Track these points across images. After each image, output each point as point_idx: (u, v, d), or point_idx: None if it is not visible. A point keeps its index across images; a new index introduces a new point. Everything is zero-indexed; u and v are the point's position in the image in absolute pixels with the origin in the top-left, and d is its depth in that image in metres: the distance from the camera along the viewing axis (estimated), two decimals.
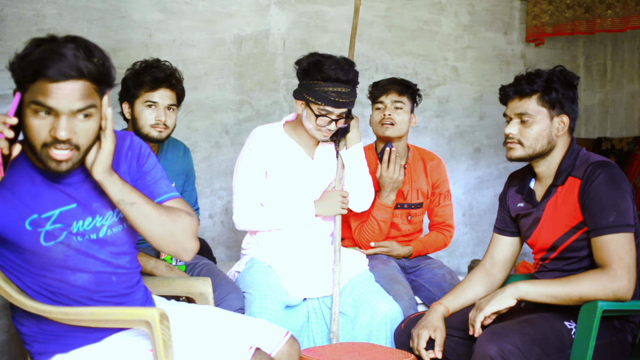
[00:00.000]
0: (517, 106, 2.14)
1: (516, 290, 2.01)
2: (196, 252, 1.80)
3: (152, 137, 2.51)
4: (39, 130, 1.54)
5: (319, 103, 2.47)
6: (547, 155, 2.14)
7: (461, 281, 2.34)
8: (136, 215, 1.67)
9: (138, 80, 2.49)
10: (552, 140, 2.11)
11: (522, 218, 2.25)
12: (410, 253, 2.93)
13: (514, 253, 2.34)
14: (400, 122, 2.82)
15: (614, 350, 2.04)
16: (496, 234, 2.36)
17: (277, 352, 1.87)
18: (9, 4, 3.04)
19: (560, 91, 2.09)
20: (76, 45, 1.55)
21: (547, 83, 2.09)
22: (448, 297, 2.27)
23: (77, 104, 1.54)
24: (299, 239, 2.63)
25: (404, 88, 2.83)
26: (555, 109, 2.10)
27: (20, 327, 1.75)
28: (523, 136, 2.12)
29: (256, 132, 2.62)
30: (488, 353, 1.87)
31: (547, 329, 1.97)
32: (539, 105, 2.10)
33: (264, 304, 2.36)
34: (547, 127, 2.10)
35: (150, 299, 1.91)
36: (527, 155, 2.14)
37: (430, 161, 3.00)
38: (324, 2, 3.76)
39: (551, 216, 2.13)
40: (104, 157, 1.63)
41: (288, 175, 2.59)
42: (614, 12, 3.73)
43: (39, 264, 1.65)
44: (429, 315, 2.20)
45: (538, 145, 2.11)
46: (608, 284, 1.92)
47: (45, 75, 1.51)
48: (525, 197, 2.22)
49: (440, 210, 3.00)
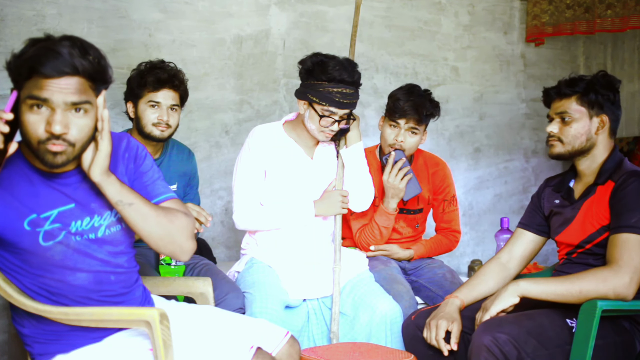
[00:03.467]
0: (558, 106, 2.23)
1: (517, 288, 2.03)
2: (193, 252, 1.81)
3: (155, 136, 2.56)
4: (34, 126, 1.55)
5: (323, 104, 2.47)
6: (588, 153, 2.21)
7: (475, 274, 2.35)
8: (134, 216, 1.67)
9: (142, 81, 2.56)
10: (591, 137, 2.18)
11: (555, 215, 2.28)
12: (411, 256, 2.92)
13: (533, 251, 2.37)
14: (411, 145, 2.79)
15: (618, 351, 2.04)
16: (520, 229, 2.38)
17: (278, 352, 1.88)
18: (9, 4, 3.04)
19: (601, 92, 2.17)
20: (71, 43, 1.56)
21: (588, 85, 2.18)
22: (462, 290, 2.28)
23: (71, 97, 1.55)
24: (298, 239, 2.63)
25: (423, 118, 2.75)
26: (595, 109, 2.18)
27: (20, 328, 1.75)
28: (563, 134, 2.20)
29: (255, 132, 2.62)
30: (483, 343, 1.89)
31: (545, 323, 1.98)
32: (579, 105, 2.18)
33: (265, 304, 2.36)
34: (586, 125, 2.18)
35: (149, 299, 1.92)
36: (566, 152, 2.21)
37: (433, 167, 2.97)
38: (324, 2, 3.75)
39: (585, 214, 2.17)
40: (101, 158, 1.63)
41: (287, 175, 2.59)
42: (614, 12, 3.73)
43: (37, 264, 1.66)
44: (446, 307, 2.20)
45: (577, 142, 2.18)
46: (609, 277, 1.94)
47: (41, 72, 1.52)
48: (564, 194, 2.27)
49: (445, 216, 2.97)
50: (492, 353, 1.88)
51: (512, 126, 4.32)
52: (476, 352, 1.92)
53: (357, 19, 2.80)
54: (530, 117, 4.37)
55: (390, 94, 2.82)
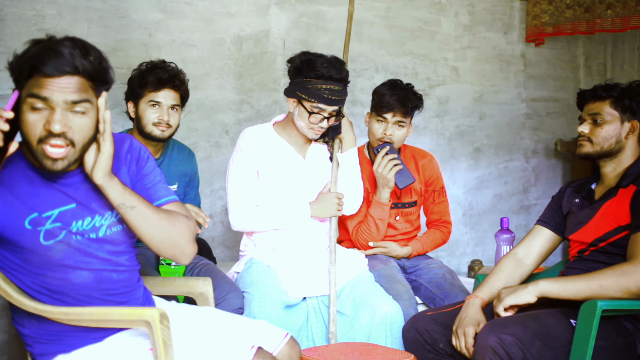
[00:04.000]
0: (591, 108, 2.27)
1: (537, 288, 2.03)
2: (194, 255, 1.81)
3: (155, 135, 2.57)
4: (34, 125, 1.55)
5: (312, 100, 2.50)
6: (615, 157, 2.24)
7: (492, 271, 2.35)
8: (136, 219, 1.68)
9: (143, 80, 2.56)
10: (621, 141, 2.22)
11: (572, 214, 2.29)
12: (409, 253, 2.93)
13: (549, 249, 2.38)
14: (400, 138, 2.83)
15: (620, 352, 2.03)
16: (539, 226, 2.40)
17: (278, 353, 1.87)
18: (9, 4, 3.04)
19: (635, 99, 2.22)
20: (73, 43, 1.57)
21: (624, 91, 2.23)
22: (482, 289, 2.27)
23: (71, 96, 1.55)
24: (296, 239, 2.63)
25: (409, 110, 2.80)
26: (627, 114, 2.22)
27: (21, 329, 1.75)
28: (593, 134, 2.23)
29: (245, 133, 2.63)
30: (488, 343, 1.89)
31: (551, 324, 1.98)
32: (612, 108, 2.23)
33: (263, 304, 2.37)
34: (617, 128, 2.22)
35: (150, 298, 1.92)
36: (594, 152, 2.24)
37: (422, 159, 3.00)
38: (324, 2, 3.75)
39: (603, 214, 2.18)
40: (103, 160, 1.63)
41: (279, 175, 2.60)
42: (614, 12, 3.73)
43: (38, 263, 1.66)
44: (469, 311, 2.17)
45: (606, 143, 2.21)
46: (630, 271, 1.95)
47: (41, 71, 1.53)
48: (584, 195, 2.29)
49: (435, 207, 3.00)
50: (497, 354, 1.87)
51: (512, 126, 4.32)
52: (481, 353, 1.92)
53: (350, 27, 2.87)
54: (530, 117, 4.37)
55: (374, 90, 2.86)
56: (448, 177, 4.08)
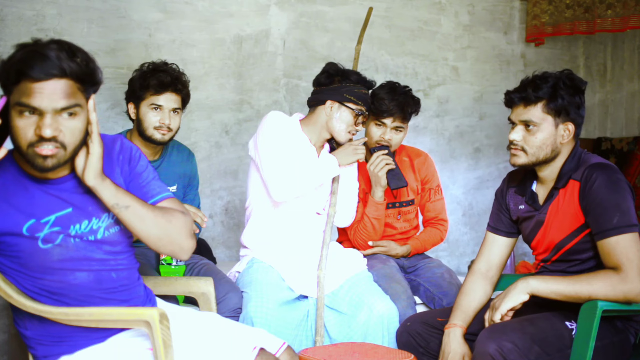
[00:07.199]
0: (522, 113, 2.11)
1: (527, 286, 2.01)
2: (193, 250, 1.80)
3: (155, 139, 2.55)
4: (24, 130, 1.54)
5: (359, 103, 2.62)
6: (551, 162, 2.12)
7: (460, 293, 2.28)
8: (131, 218, 1.67)
9: (144, 83, 2.53)
10: (557, 147, 2.10)
11: (524, 221, 2.23)
12: (409, 252, 2.94)
13: (508, 253, 2.35)
14: (397, 142, 2.86)
15: (615, 350, 2.04)
16: (491, 234, 2.34)
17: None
18: (9, 4, 3.04)
19: (567, 98, 2.06)
20: (59, 46, 1.56)
21: (553, 90, 2.06)
22: (457, 315, 2.21)
23: (60, 103, 1.54)
24: (297, 237, 2.65)
25: (408, 115, 2.83)
26: (561, 117, 2.07)
27: (23, 331, 1.75)
28: (527, 143, 2.10)
29: (274, 114, 2.65)
30: (487, 351, 1.88)
31: (547, 328, 1.97)
32: (544, 112, 2.07)
33: (260, 303, 2.38)
34: (552, 134, 2.08)
35: (152, 297, 1.92)
36: (530, 163, 2.12)
37: (416, 157, 3.02)
38: (324, 2, 3.75)
39: (554, 219, 2.12)
40: (93, 162, 1.63)
41: (294, 163, 2.59)
42: (614, 12, 3.73)
43: (36, 266, 1.66)
44: (451, 344, 2.14)
45: (542, 153, 2.09)
46: (619, 285, 1.91)
47: (28, 76, 1.52)
48: (528, 199, 2.20)
49: (431, 205, 3.01)
50: None
51: None
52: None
53: (356, 64, 2.94)
54: None
55: (372, 92, 2.83)
56: (448, 177, 4.08)
